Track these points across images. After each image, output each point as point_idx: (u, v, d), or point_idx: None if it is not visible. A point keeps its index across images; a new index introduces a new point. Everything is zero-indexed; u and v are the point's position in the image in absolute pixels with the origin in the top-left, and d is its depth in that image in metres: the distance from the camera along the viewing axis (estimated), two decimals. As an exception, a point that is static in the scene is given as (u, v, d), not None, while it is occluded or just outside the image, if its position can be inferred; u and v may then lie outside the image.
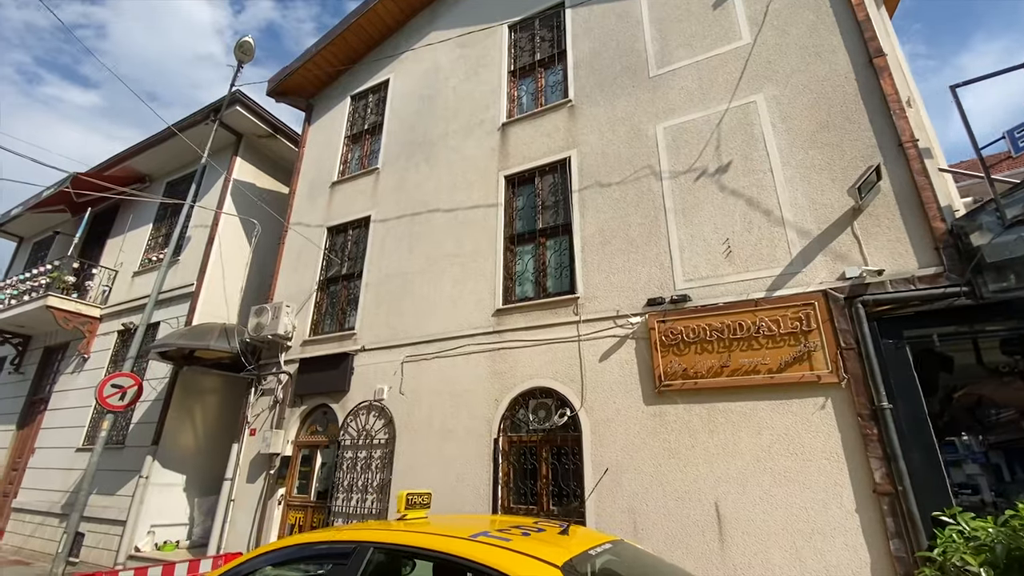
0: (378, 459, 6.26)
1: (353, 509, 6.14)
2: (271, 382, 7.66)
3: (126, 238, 11.90)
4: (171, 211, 11.61)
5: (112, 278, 11.38)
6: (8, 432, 11.41)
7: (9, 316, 11.17)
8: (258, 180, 11.09)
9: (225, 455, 9.34)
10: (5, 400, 12.04)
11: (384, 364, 6.73)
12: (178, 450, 8.68)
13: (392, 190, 7.97)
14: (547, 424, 5.39)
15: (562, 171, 6.47)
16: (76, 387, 10.51)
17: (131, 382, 8.40)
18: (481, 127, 7.41)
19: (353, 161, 9.01)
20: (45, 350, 11.93)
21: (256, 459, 7.24)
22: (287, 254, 8.69)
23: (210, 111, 10.37)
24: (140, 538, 7.94)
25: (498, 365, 5.86)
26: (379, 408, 6.51)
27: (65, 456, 9.73)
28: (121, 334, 10.40)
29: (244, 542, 6.82)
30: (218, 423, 9.42)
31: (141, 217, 11.91)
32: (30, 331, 12.09)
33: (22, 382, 11.95)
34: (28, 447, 10.84)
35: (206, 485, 8.96)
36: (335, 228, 8.37)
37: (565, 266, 6.02)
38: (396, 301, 7.06)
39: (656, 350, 4.92)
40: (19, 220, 14.51)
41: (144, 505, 8.05)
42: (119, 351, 10.35)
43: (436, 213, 7.28)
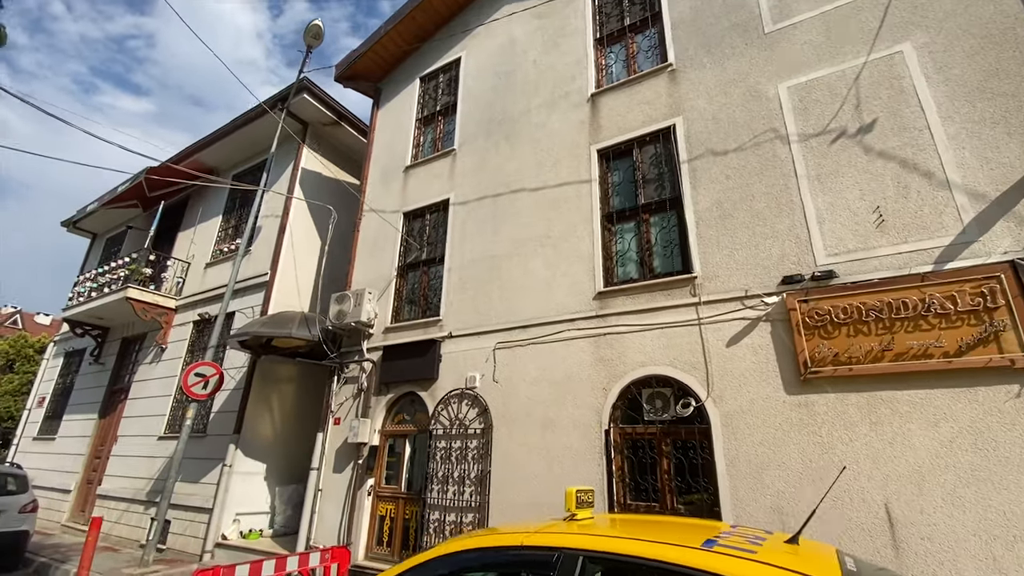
0: (474, 450, 5.97)
1: (450, 502, 5.87)
2: (354, 370, 7.49)
3: (196, 230, 12.08)
4: (239, 203, 11.70)
5: (185, 270, 11.56)
6: (91, 421, 11.79)
7: (90, 308, 11.51)
8: (324, 169, 11.01)
9: (303, 444, 9.34)
10: (87, 390, 12.47)
11: (474, 351, 6.43)
12: (258, 439, 8.68)
13: (471, 171, 7.64)
14: (666, 415, 4.95)
15: (665, 141, 5.97)
16: (155, 377, 10.73)
17: (213, 371, 8.43)
18: (567, 100, 6.97)
19: (426, 144, 8.74)
20: (123, 341, 12.27)
21: (342, 448, 7.10)
22: (362, 241, 8.51)
23: (277, 100, 10.32)
24: (226, 526, 7.98)
25: (603, 351, 5.45)
26: (472, 397, 6.21)
27: (147, 444, 9.94)
28: (197, 324, 10.54)
29: (334, 534, 6.68)
30: (295, 412, 9.41)
31: (210, 210, 12.05)
32: (108, 323, 12.47)
33: (102, 372, 12.34)
34: (111, 435, 11.16)
35: (285, 474, 8.95)
36: (412, 213, 8.12)
37: (675, 243, 5.54)
38: (483, 286, 6.73)
39: (799, 333, 4.39)
40: (92, 217, 15.03)
41: (229, 493, 8.08)
42: (195, 341, 10.49)
43: (521, 193, 6.91)
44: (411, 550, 6.19)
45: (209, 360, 8.47)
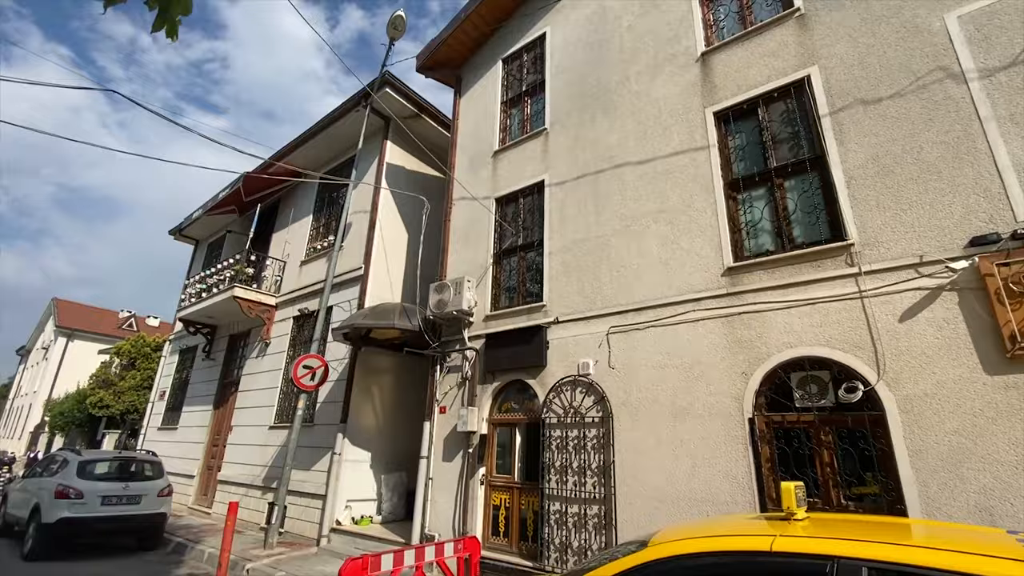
0: (592, 439, 5.68)
1: (571, 493, 5.63)
2: (456, 359, 7.43)
3: (290, 231, 12.60)
4: (327, 202, 12.05)
5: (282, 268, 12.09)
6: (207, 412, 12.69)
7: (200, 308, 12.34)
8: (407, 163, 11.08)
9: (403, 433, 9.50)
10: (201, 384, 13.44)
11: (584, 337, 6.12)
12: (362, 428, 8.89)
13: (566, 150, 7.30)
14: (824, 401, 4.40)
15: (798, 95, 5.31)
16: (261, 370, 11.33)
17: (319, 363, 8.69)
18: (672, 62, 6.43)
19: (514, 127, 8.49)
20: (230, 338, 13.09)
21: (450, 437, 7.05)
22: (454, 231, 8.42)
23: (360, 97, 10.45)
24: (339, 512, 8.23)
25: (739, 332, 4.95)
26: (586, 384, 5.91)
27: (259, 433, 10.50)
28: (297, 319, 10.99)
29: (448, 522, 6.65)
30: (394, 402, 9.57)
31: (301, 210, 12.52)
32: (217, 321, 13.33)
33: (214, 367, 13.24)
34: (225, 425, 11.95)
35: (389, 462, 9.13)
36: (504, 198, 7.91)
37: (819, 208, 4.92)
38: (589, 268, 6.39)
39: (1000, 302, 3.70)
40: (195, 225, 16.15)
41: (339, 481, 8.32)
42: (296, 335, 10.94)
43: (625, 167, 6.48)
44: (530, 541, 6.02)
45: (314, 353, 8.75)
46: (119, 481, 8.30)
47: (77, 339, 32.24)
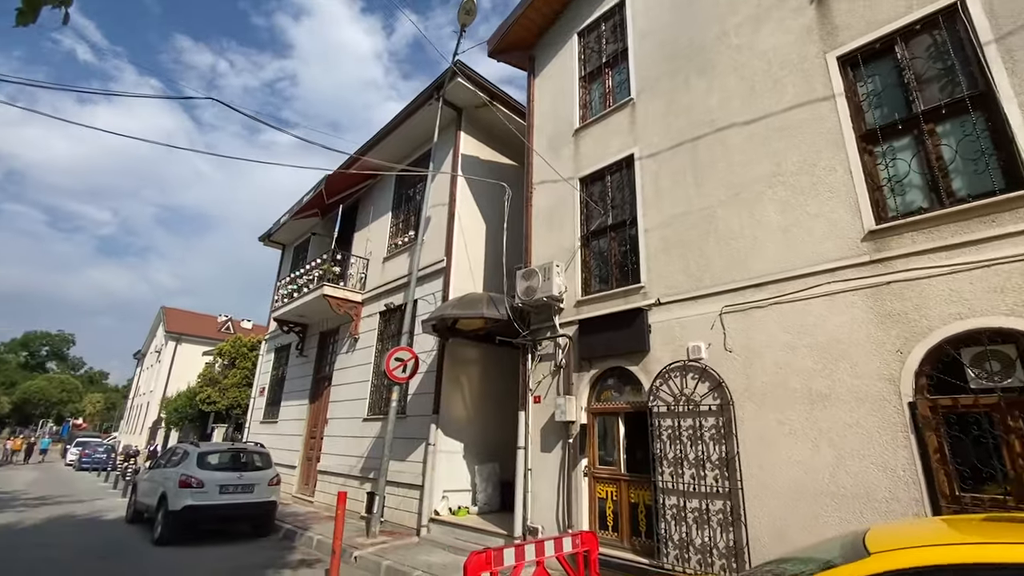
0: (710, 429, 5.21)
1: (688, 486, 5.21)
2: (548, 347, 7.18)
3: (370, 229, 12.92)
4: (404, 199, 12.21)
5: (365, 266, 12.42)
6: (303, 406, 13.34)
7: (293, 308, 12.95)
8: (481, 153, 10.94)
9: (493, 424, 9.41)
10: (297, 379, 14.16)
11: (693, 318, 5.64)
12: (454, 419, 8.89)
13: (656, 118, 6.79)
14: (1010, 380, 3.69)
15: (948, 23, 4.52)
16: (351, 365, 11.71)
17: (409, 355, 8.76)
18: (781, 7, 5.74)
19: (595, 101, 8.06)
20: (320, 335, 13.68)
21: (547, 427, 6.82)
22: (536, 216, 8.15)
23: (432, 89, 10.42)
24: (436, 502, 8.28)
25: (889, 304, 4.29)
26: (699, 369, 5.44)
27: (353, 425, 10.85)
28: (383, 314, 11.22)
29: (551, 515, 6.44)
30: (482, 392, 9.51)
31: (380, 209, 12.78)
32: (307, 320, 13.98)
33: (307, 363, 13.91)
34: (321, 418, 12.50)
35: (481, 452, 9.08)
36: (589, 177, 7.52)
37: (987, 153, 4.14)
38: (693, 244, 5.89)
39: None
40: (282, 230, 17.04)
41: (435, 471, 8.36)
42: (383, 330, 11.19)
43: (729, 130, 5.88)
44: (643, 536, 5.67)
45: (404, 345, 8.85)
46: (234, 471, 8.83)
47: (184, 342, 35.48)
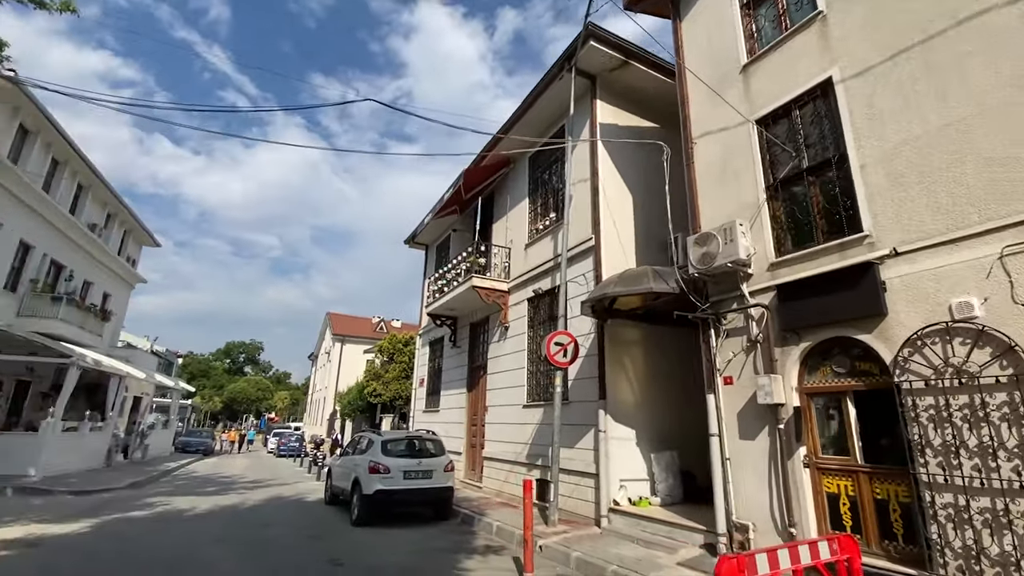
0: (1000, 407, 3.98)
1: (970, 481, 4.04)
2: (736, 320, 6.27)
3: (508, 218, 12.87)
4: (540, 183, 11.90)
5: (508, 255, 12.40)
6: (461, 395, 13.83)
7: (443, 302, 13.44)
8: (619, 119, 10.17)
9: (659, 409, 8.69)
10: (453, 370, 14.75)
11: (954, 267, 4.38)
12: (621, 404, 8.35)
13: (857, 30, 5.49)
14: None
15: None
16: (504, 353, 11.77)
17: (568, 339, 8.40)
18: None
19: (765, 28, 6.87)
20: (470, 326, 14.05)
21: (746, 411, 5.96)
22: (702, 174, 7.21)
23: (563, 60, 9.90)
24: (614, 492, 7.83)
25: None
26: (972, 332, 4.20)
27: (514, 412, 10.87)
28: (531, 300, 11.07)
29: (762, 511, 5.59)
30: (646, 376, 8.82)
31: (516, 196, 12.66)
32: (457, 313, 14.46)
33: (461, 354, 14.40)
34: (480, 406, 12.82)
35: (654, 439, 8.43)
36: (769, 116, 6.40)
37: None
38: (940, 172, 4.59)
39: None
40: (425, 231, 17.91)
41: (610, 459, 7.92)
42: (533, 316, 11.03)
43: (990, 14, 4.46)
44: (900, 541, 4.59)
45: (561, 329, 8.51)
46: (413, 458, 9.31)
47: (348, 343, 39.83)
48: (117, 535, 7.54)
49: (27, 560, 6.04)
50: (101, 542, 7.09)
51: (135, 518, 8.98)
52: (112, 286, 23.37)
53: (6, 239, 15.57)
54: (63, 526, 8.01)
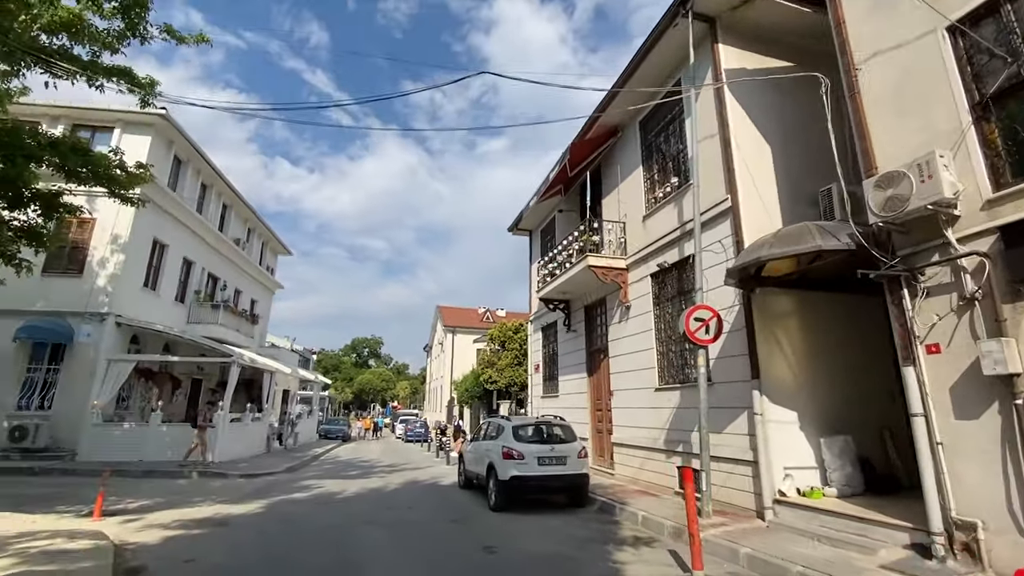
0: None
1: None
2: (937, 275, 5.12)
3: (619, 191, 12.13)
4: (654, 148, 11.02)
5: (622, 230, 11.71)
6: (581, 379, 13.43)
7: (556, 285, 13.06)
8: (745, 63, 8.96)
9: (822, 388, 7.57)
10: (569, 355, 14.40)
11: None
12: (778, 384, 7.38)
13: None
14: None
15: None
16: (626, 334, 11.13)
17: (710, 314, 7.59)
18: None
19: (955, -93, 5.48)
20: (585, 309, 13.57)
21: (963, 385, 4.84)
22: (873, 103, 5.99)
23: (676, 6, 8.94)
24: (777, 481, 6.96)
25: None
26: None
27: (644, 396, 10.23)
28: (655, 276, 10.30)
29: (994, 506, 4.50)
30: (805, 351, 7.70)
31: (627, 166, 11.87)
32: (569, 296, 14.04)
33: (577, 338, 13.99)
34: (604, 390, 12.33)
35: (821, 423, 7.36)
36: (968, 18, 5.09)
37: None
38: None
39: None
40: (528, 215, 17.67)
41: (768, 445, 7.04)
42: (658, 293, 10.27)
43: None
44: None
45: (701, 303, 7.72)
46: (545, 443, 9.10)
47: (459, 333, 41.37)
48: (286, 516, 8.23)
49: (219, 539, 6.72)
50: (274, 522, 7.76)
51: (297, 500, 9.81)
52: (257, 293, 26.30)
53: (174, 258, 18.03)
54: (241, 507, 8.94)
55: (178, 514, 8.17)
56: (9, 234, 9.11)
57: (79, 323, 14.36)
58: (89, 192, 12.84)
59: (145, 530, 7.05)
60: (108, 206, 15.09)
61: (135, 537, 6.65)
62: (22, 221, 9.53)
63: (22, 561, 4.91)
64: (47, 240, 9.73)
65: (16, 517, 7.40)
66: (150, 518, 7.86)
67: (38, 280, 14.00)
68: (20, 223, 9.49)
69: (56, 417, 13.83)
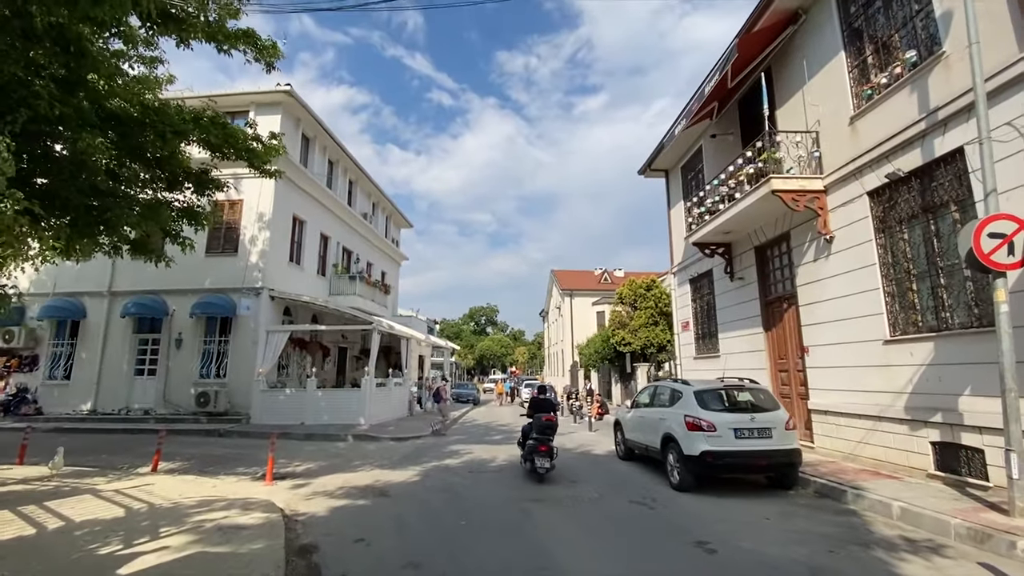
0: None
1: None
2: None
3: (805, 92, 9.48)
4: (865, 22, 8.24)
5: (813, 142, 9.14)
6: (756, 335, 11.22)
7: (719, 224, 10.87)
8: None
9: None
10: (733, 307, 12.16)
11: None
12: None
13: None
14: None
15: None
16: (831, 274, 8.72)
17: (1015, 226, 5.17)
18: None
19: None
20: (756, 250, 11.21)
21: None
22: None
23: None
24: None
25: None
26: None
27: (865, 351, 7.90)
28: (876, 193, 7.78)
29: None
30: None
31: (817, 57, 9.16)
32: (733, 237, 11.74)
33: (743, 287, 11.70)
34: (792, 347, 10.08)
35: None
36: None
37: None
38: None
39: None
40: (664, 153, 15.36)
41: None
42: (885, 214, 7.75)
43: None
44: None
45: (997, 213, 5.29)
46: (742, 412, 7.34)
47: (576, 296, 39.98)
48: (446, 486, 7.55)
49: (384, 513, 6.10)
50: (436, 493, 7.07)
51: (451, 467, 9.21)
52: (385, 265, 27.14)
53: (312, 233, 18.72)
54: (398, 472, 8.51)
55: (341, 480, 7.90)
56: (171, 214, 9.40)
57: (239, 297, 15.36)
58: (234, 172, 13.34)
59: (313, 498, 6.72)
60: (252, 186, 15.86)
61: (303, 506, 6.29)
62: (181, 201, 9.83)
63: (197, 540, 4.50)
64: (205, 218, 10.00)
65: (202, 481, 7.56)
66: (316, 483, 7.65)
67: (202, 260, 15.15)
68: (180, 203, 9.80)
69: (231, 384, 15.06)
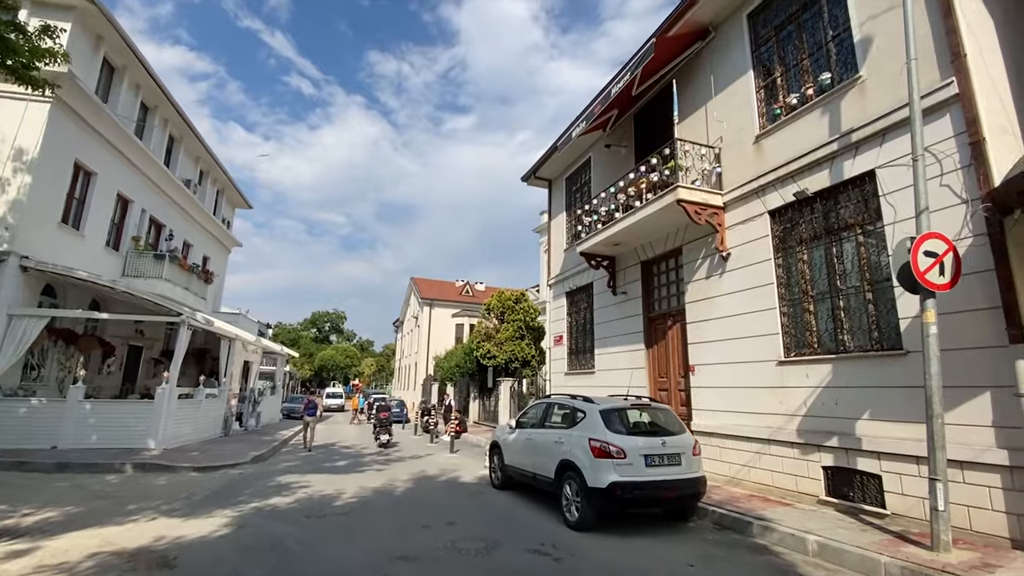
0: None
1: None
2: None
3: (709, 109, 9.39)
4: (776, 43, 8.31)
5: (715, 158, 9.02)
6: (637, 352, 10.80)
7: (611, 234, 10.34)
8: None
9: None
10: (615, 322, 11.70)
11: None
12: (1041, 353, 4.96)
13: None
14: None
15: None
16: (724, 292, 8.53)
17: (944, 246, 5.05)
18: None
19: None
20: (642, 265, 10.90)
21: None
22: None
23: None
24: (1058, 500, 4.56)
25: None
26: None
27: (757, 371, 7.70)
28: (778, 213, 7.71)
29: None
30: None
31: (725, 75, 9.10)
32: (620, 250, 11.32)
33: (627, 302, 11.31)
34: (675, 365, 9.78)
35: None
36: None
37: None
38: None
39: None
40: (549, 162, 14.80)
41: (1047, 445, 4.61)
42: (784, 235, 7.68)
43: None
44: None
45: (930, 232, 5.14)
46: (652, 435, 6.44)
47: (436, 307, 38.18)
48: (270, 543, 5.26)
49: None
50: (251, 558, 4.79)
51: (279, 509, 6.81)
52: (211, 248, 22.30)
53: (104, 191, 14.08)
54: (196, 523, 5.89)
55: (98, 540, 5.12)
56: None
57: (-38, 262, 10.54)
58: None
59: (25, 585, 3.98)
60: (10, 108, 11.26)
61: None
62: None
63: None
64: None
65: None
66: (50, 548, 4.80)
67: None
68: None
69: (-73, 389, 10.11)
